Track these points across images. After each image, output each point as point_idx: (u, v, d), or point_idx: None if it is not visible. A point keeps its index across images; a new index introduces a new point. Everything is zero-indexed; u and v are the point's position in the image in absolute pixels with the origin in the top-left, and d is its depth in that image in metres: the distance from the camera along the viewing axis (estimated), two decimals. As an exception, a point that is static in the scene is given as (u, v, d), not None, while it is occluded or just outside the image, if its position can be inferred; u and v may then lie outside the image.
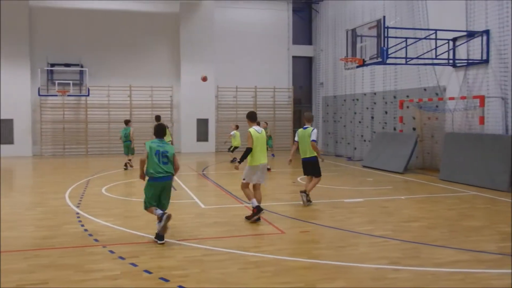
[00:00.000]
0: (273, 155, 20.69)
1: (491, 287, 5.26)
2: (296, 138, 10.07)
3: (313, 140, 9.60)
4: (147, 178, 7.16)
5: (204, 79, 15.28)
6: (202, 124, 23.67)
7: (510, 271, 5.33)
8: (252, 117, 8.77)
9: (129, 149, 16.64)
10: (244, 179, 8.55)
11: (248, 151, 8.39)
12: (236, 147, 18.88)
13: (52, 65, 22.55)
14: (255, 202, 8.38)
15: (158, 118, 16.06)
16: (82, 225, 8.14)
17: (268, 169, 15.23)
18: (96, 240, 7.17)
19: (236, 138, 18.77)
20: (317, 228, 8.03)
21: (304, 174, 10.22)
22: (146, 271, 5.71)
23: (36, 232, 7.82)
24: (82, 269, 5.82)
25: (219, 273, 5.66)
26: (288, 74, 25.70)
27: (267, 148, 10.45)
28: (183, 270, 5.75)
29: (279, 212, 9.21)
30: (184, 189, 12.16)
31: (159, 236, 6.89)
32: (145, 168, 7.16)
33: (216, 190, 12.33)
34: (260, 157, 8.50)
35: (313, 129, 9.75)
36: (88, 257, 6.38)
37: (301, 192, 9.92)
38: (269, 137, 19.63)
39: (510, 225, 8.15)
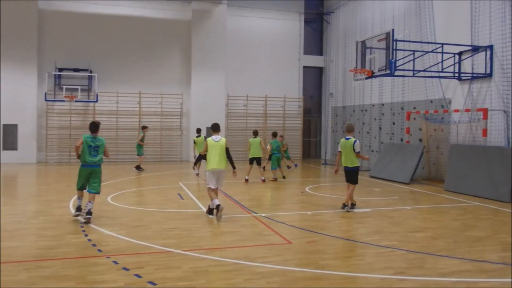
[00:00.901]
0: (296, 165, 21.02)
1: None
2: (339, 149, 10.81)
3: (357, 152, 10.53)
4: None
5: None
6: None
7: (510, 280, 5.48)
8: (214, 128, 9.99)
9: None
10: (208, 184, 9.83)
11: (200, 157, 9.79)
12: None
13: (60, 69, 22.25)
14: (215, 203, 9.53)
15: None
16: (86, 235, 7.99)
17: (263, 180, 15.53)
18: (99, 250, 7.06)
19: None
20: (324, 238, 8.09)
21: (346, 181, 10.84)
22: (151, 282, 5.62)
23: (38, 242, 7.65)
24: (84, 281, 5.70)
25: (225, 284, 5.63)
26: (299, 84, 25.85)
27: (282, 157, 11.51)
28: (189, 281, 5.68)
29: (286, 222, 9.30)
30: (192, 199, 12.18)
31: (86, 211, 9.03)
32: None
33: (224, 199, 12.19)
34: (214, 162, 9.65)
35: (355, 141, 10.59)
36: (91, 268, 6.26)
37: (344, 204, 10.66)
38: (285, 150, 19.90)
39: (511, 235, 8.35)
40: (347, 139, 10.65)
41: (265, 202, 12.24)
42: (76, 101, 21.77)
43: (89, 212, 9.05)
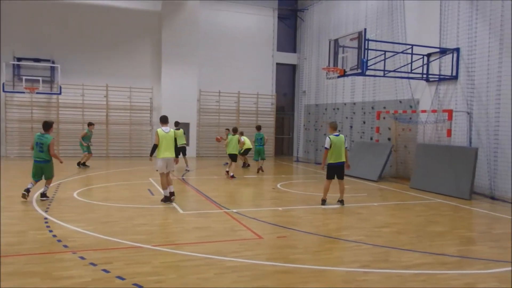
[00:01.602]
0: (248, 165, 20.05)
1: (451, 287, 5.70)
2: (327, 145, 10.88)
3: (346, 148, 11.06)
4: None
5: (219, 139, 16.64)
6: (183, 128, 23.48)
7: (468, 272, 5.82)
8: (163, 120, 11.09)
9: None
10: (157, 170, 10.84)
11: (154, 147, 10.75)
12: (247, 149, 18.34)
13: (19, 59, 20.99)
14: (167, 192, 10.79)
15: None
16: (51, 231, 7.82)
17: (232, 176, 15.77)
18: (65, 246, 6.94)
19: (245, 142, 18.16)
20: (295, 233, 8.24)
21: (329, 178, 11.09)
22: (119, 277, 5.59)
23: (1, 238, 7.38)
24: (50, 277, 5.59)
25: (195, 278, 5.66)
26: (272, 81, 25.88)
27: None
28: (159, 276, 5.70)
29: (258, 217, 9.41)
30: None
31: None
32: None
33: (196, 195, 12.29)
34: (166, 152, 10.72)
35: (345, 137, 11.26)
36: (56, 264, 6.13)
37: (323, 200, 11.08)
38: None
39: (469, 230, 8.98)
40: (337, 135, 11.00)
41: (237, 199, 12.34)
42: (37, 93, 20.37)
43: (43, 195, 10.61)
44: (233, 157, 15.96)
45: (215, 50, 24.54)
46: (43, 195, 10.66)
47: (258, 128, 18.77)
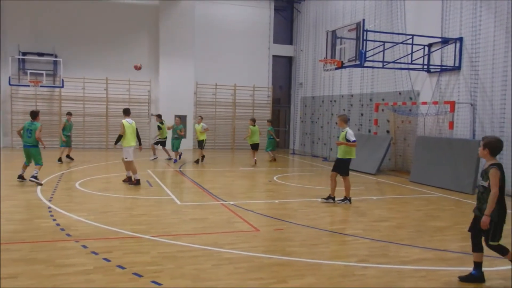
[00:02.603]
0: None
1: (451, 283, 5.55)
2: (354, 137, 10.23)
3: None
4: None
5: (137, 67, 15.48)
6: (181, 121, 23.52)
7: (470, 268, 5.64)
8: (126, 112, 12.11)
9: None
10: (126, 158, 11.82)
11: (120, 137, 11.75)
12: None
13: (24, 53, 21.79)
14: (137, 176, 11.87)
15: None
16: (54, 220, 8.02)
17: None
18: (68, 234, 7.09)
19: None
20: (291, 226, 8.18)
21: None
22: (120, 266, 5.70)
23: (6, 225, 7.64)
24: (53, 264, 5.75)
25: (193, 269, 5.71)
26: (268, 73, 25.80)
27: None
28: (157, 266, 5.77)
29: (255, 210, 9.36)
30: (161, 186, 12.16)
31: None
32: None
33: (193, 187, 12.35)
34: (132, 141, 11.85)
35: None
36: (59, 251, 6.29)
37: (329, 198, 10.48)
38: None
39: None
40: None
41: (233, 191, 12.23)
42: (41, 86, 21.36)
43: (33, 176, 11.41)
44: (256, 147, 17.89)
45: (212, 42, 24.53)
46: (34, 177, 11.41)
47: (270, 121, 20.20)
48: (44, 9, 22.09)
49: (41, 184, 11.42)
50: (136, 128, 12.10)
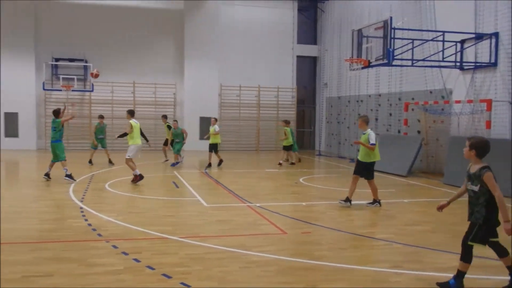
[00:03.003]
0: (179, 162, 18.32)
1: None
2: (375, 140, 9.82)
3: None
4: None
5: (94, 75, 15.32)
6: (205, 122, 23.29)
7: (508, 277, 5.27)
8: (132, 113, 13.01)
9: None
10: (129, 156, 12.47)
11: (125, 134, 12.65)
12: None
13: (57, 59, 22.71)
14: (137, 172, 12.36)
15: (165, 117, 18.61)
16: (86, 220, 8.19)
17: (292, 163, 17.95)
18: (99, 235, 7.22)
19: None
20: (319, 229, 7.99)
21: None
22: (149, 267, 5.73)
23: (41, 225, 7.88)
24: (85, 263, 5.86)
25: (220, 271, 5.66)
26: (292, 73, 25.60)
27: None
28: (185, 267, 5.76)
29: (281, 212, 9.17)
30: (187, 187, 12.19)
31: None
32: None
33: (219, 188, 12.31)
34: (138, 139, 12.71)
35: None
36: (91, 251, 6.41)
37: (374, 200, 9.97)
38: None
39: None
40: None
41: (259, 192, 12.07)
42: (72, 90, 22.39)
43: (67, 176, 12.31)
44: (290, 148, 17.90)
45: (236, 44, 24.59)
46: (68, 176, 12.31)
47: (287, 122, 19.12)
48: (75, 17, 23.02)
49: (74, 180, 12.27)
50: (140, 128, 13.08)
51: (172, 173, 14.66)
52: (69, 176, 12.30)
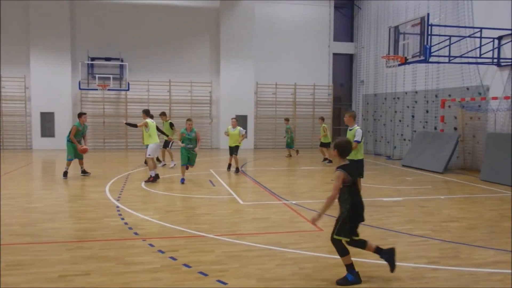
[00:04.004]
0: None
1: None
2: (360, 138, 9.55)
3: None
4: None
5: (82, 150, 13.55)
6: (241, 121, 23.39)
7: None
8: (148, 113, 13.14)
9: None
10: (149, 155, 12.66)
11: (135, 126, 13.19)
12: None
13: (93, 59, 22.82)
14: (154, 173, 12.38)
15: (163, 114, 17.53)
16: (122, 219, 8.28)
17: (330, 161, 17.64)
18: (136, 233, 7.29)
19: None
20: (355, 226, 8.05)
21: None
22: (186, 265, 5.79)
23: (78, 224, 8.03)
24: (123, 262, 5.92)
25: (257, 269, 5.71)
26: (329, 71, 25.53)
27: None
28: (222, 265, 5.81)
29: (317, 209, 9.14)
30: (223, 185, 12.30)
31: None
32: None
33: (255, 186, 12.38)
34: (155, 137, 12.93)
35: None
36: (128, 250, 6.46)
37: None
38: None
39: None
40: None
41: (295, 190, 12.19)
42: (108, 89, 22.44)
43: (82, 171, 13.61)
44: (328, 145, 17.72)
45: (271, 42, 24.61)
46: (82, 171, 13.53)
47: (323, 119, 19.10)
48: (110, 17, 23.07)
49: (65, 177, 12.93)
50: (157, 126, 13.48)
51: (207, 171, 14.82)
52: (85, 172, 13.54)
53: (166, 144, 16.75)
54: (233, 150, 14.81)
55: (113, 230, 7.50)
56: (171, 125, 16.68)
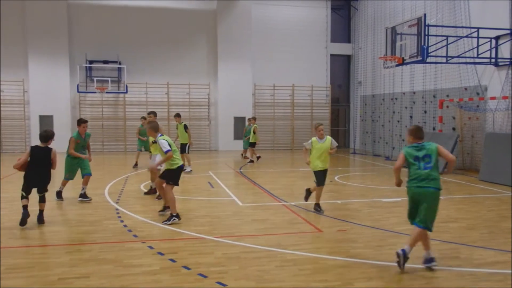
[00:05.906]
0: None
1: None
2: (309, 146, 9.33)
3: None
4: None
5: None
6: (239, 122, 23.54)
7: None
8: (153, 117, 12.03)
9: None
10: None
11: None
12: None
13: (91, 61, 22.74)
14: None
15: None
16: (122, 221, 8.29)
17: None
18: (135, 235, 7.30)
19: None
20: (355, 227, 8.04)
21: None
22: (185, 267, 5.81)
23: (77, 227, 8.00)
24: (122, 264, 5.94)
25: (256, 270, 5.73)
26: (326, 72, 25.50)
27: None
28: (222, 267, 5.84)
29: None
30: (222, 187, 12.30)
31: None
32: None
33: (254, 188, 12.38)
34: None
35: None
36: (127, 252, 6.47)
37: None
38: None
39: None
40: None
41: (294, 191, 12.17)
42: (107, 92, 22.31)
43: (57, 192, 10.46)
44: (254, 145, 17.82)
45: (269, 43, 24.59)
46: (81, 195, 10.28)
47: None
48: (108, 20, 22.93)
49: (59, 198, 10.37)
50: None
51: (207, 174, 14.82)
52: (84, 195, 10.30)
53: (183, 149, 15.01)
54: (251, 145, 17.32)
55: (112, 233, 7.50)
56: (185, 127, 15.16)
